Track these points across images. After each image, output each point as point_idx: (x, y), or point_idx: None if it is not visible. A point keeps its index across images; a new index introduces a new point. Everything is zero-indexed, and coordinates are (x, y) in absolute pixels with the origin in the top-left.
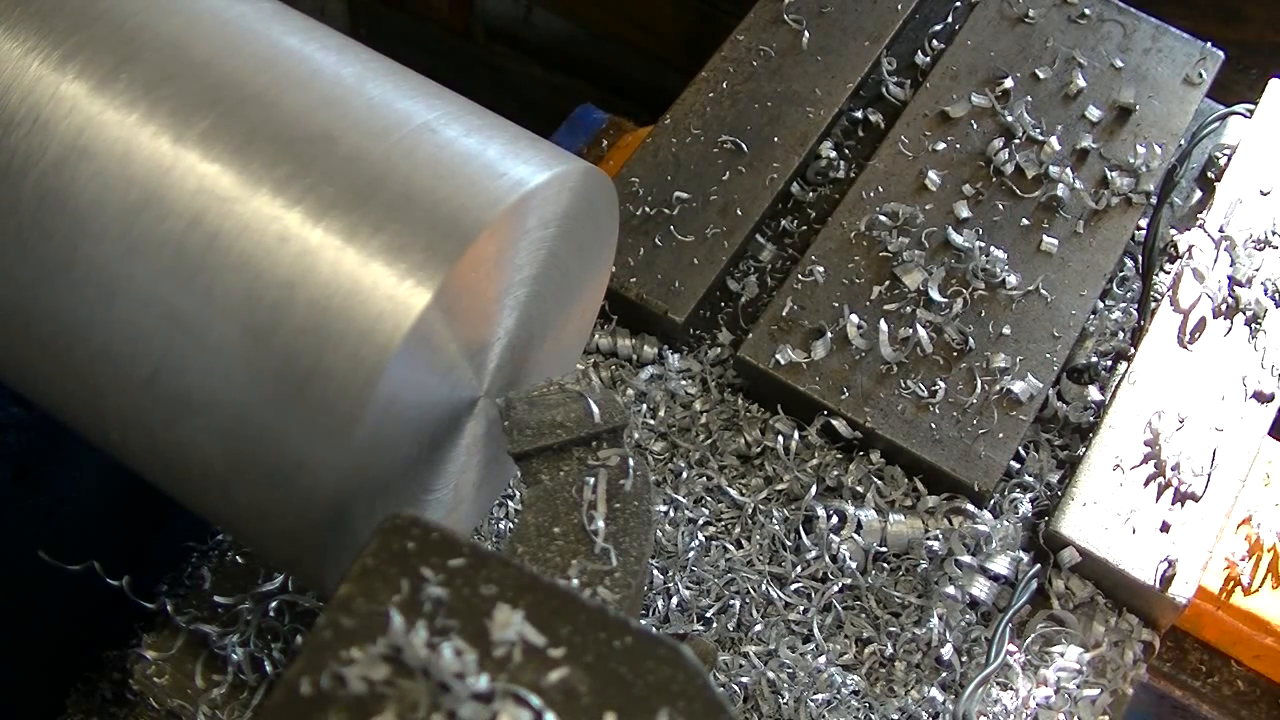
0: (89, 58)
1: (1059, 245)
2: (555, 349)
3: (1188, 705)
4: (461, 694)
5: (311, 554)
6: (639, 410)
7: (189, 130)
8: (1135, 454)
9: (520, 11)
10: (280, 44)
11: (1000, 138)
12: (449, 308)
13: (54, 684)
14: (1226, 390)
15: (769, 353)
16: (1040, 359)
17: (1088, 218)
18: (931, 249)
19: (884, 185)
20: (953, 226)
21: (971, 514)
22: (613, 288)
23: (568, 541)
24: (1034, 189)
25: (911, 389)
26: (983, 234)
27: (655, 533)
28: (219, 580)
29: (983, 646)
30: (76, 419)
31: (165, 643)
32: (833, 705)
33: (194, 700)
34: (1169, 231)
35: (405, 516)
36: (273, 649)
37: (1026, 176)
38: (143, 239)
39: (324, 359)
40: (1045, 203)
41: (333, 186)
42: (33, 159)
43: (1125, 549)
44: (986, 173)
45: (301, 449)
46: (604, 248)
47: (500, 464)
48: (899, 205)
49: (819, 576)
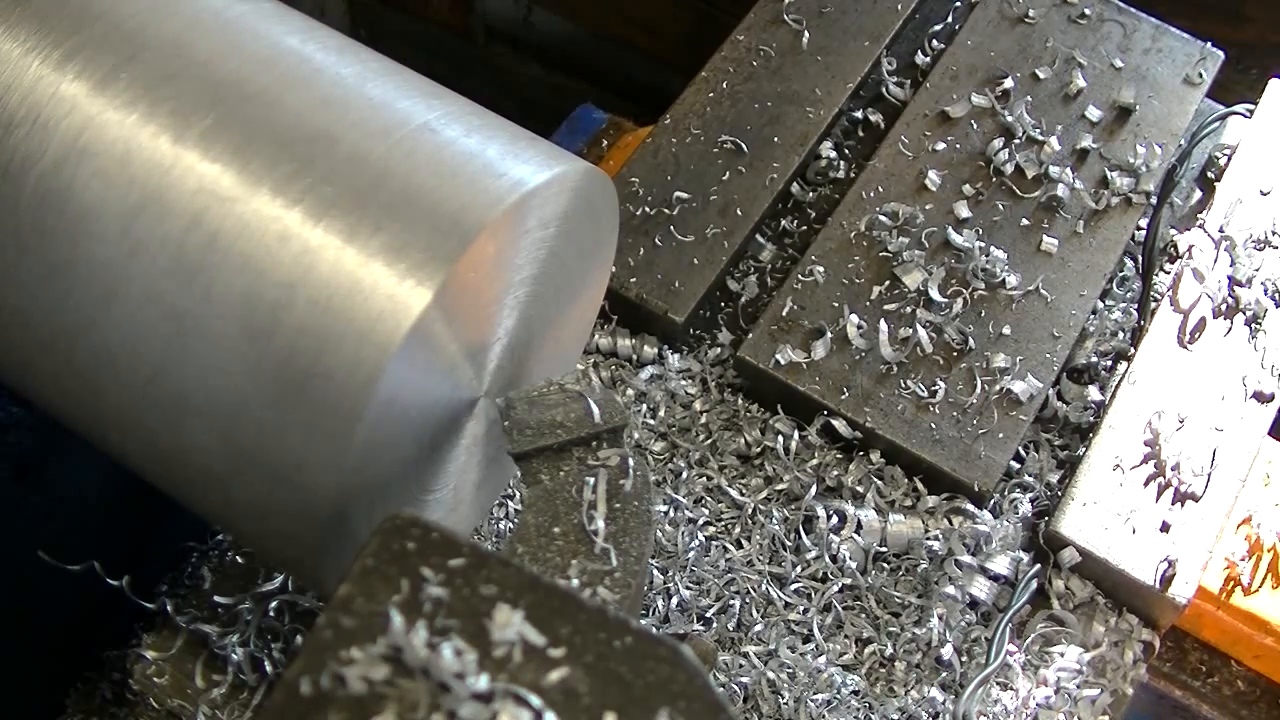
0: (89, 58)
1: (1059, 245)
2: (555, 349)
3: (1188, 705)
4: (461, 694)
5: (311, 554)
6: (639, 410)
7: (189, 130)
8: (1135, 454)
9: (520, 11)
10: (280, 44)
11: (1000, 138)
12: (449, 308)
13: (54, 684)
14: (1226, 390)
15: (769, 353)
16: (1040, 359)
17: (1088, 218)
18: (931, 249)
19: (884, 185)
20: (953, 226)
21: (971, 514)
22: (613, 288)
23: (568, 541)
24: (1034, 189)
25: (911, 389)
26: (983, 234)
27: (655, 533)
28: (219, 580)
29: (983, 646)
30: (76, 419)
31: (165, 643)
32: (833, 705)
33: (194, 700)
34: (1169, 231)
35: (405, 516)
36: (273, 649)
37: (1026, 176)
38: (143, 239)
39: (324, 359)
40: (1045, 203)
41: (332, 186)
42: (33, 159)
43: (1125, 549)
44: (986, 173)
45: (301, 449)
46: (604, 248)
47: (500, 464)
48: (899, 205)
49: (819, 576)
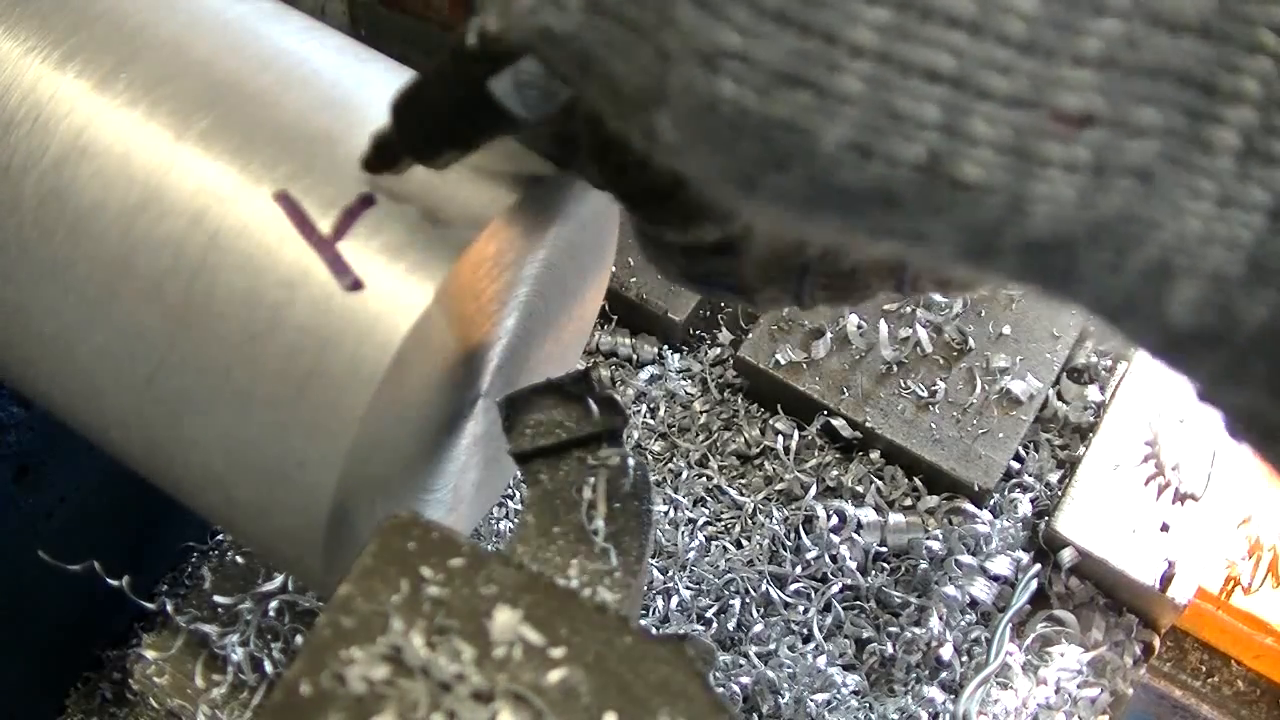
0: (89, 58)
1: None
2: (555, 349)
3: (1188, 705)
4: (461, 694)
5: (312, 553)
6: (639, 410)
7: (189, 130)
8: (1135, 454)
9: None
10: (280, 44)
11: None
12: (449, 307)
13: (54, 684)
14: None
15: (769, 352)
16: (1040, 359)
17: None
18: None
19: None
20: None
21: (971, 514)
22: (613, 288)
23: (568, 541)
24: None
25: (911, 389)
26: None
27: (655, 533)
28: (219, 580)
29: (983, 646)
30: (78, 418)
31: (165, 643)
32: (833, 705)
33: (194, 700)
34: None
35: (405, 516)
36: (273, 649)
37: None
38: (143, 238)
39: (324, 359)
40: None
41: (333, 187)
42: (33, 159)
43: (1125, 549)
44: None
45: (302, 448)
46: (605, 247)
47: (500, 464)
48: None
49: (819, 576)
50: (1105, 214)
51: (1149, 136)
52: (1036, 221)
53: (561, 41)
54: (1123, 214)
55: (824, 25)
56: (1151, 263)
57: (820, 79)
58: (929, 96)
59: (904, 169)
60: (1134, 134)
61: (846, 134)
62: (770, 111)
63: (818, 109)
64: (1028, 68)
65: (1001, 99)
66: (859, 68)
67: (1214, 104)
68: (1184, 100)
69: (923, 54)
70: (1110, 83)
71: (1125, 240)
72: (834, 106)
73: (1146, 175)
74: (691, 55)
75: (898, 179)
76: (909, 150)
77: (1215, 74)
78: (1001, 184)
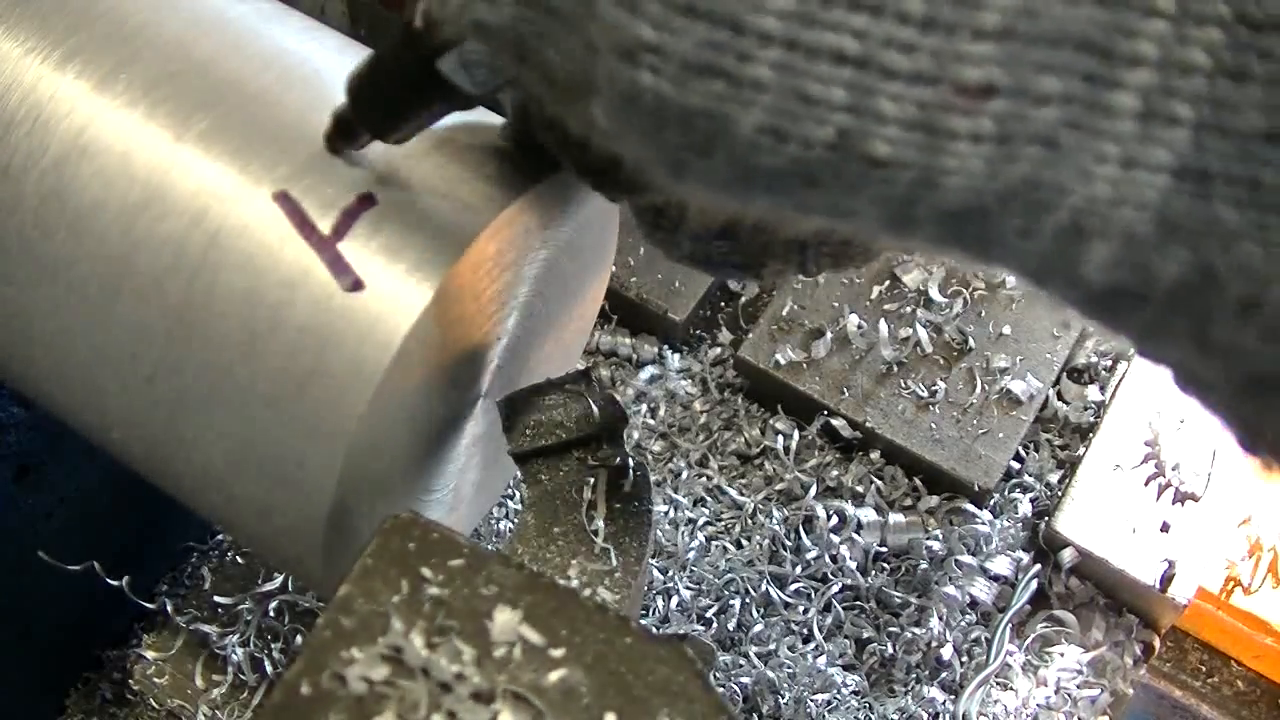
0: (89, 58)
1: None
2: (555, 349)
3: (1188, 705)
4: (462, 694)
5: (312, 553)
6: (639, 410)
7: (189, 130)
8: (1135, 454)
9: None
10: (280, 44)
11: None
12: (449, 308)
13: (54, 684)
14: None
15: (769, 352)
16: (1040, 359)
17: None
18: None
19: None
20: None
21: (971, 514)
22: (613, 288)
23: (568, 541)
24: None
25: (911, 389)
26: None
27: (655, 533)
28: (219, 580)
29: (983, 646)
30: (78, 417)
31: (165, 643)
32: (833, 705)
33: (194, 700)
34: None
35: (405, 516)
36: (273, 649)
37: None
38: (144, 238)
39: (324, 359)
40: None
41: (333, 187)
42: (33, 158)
43: (1125, 549)
44: None
45: (302, 448)
46: (605, 247)
47: (500, 464)
48: None
49: (819, 576)
50: (1014, 181)
51: (1051, 104)
52: (948, 193)
53: (495, 33)
54: (1031, 180)
55: (732, 15)
56: (1063, 226)
57: (731, 68)
58: (836, 79)
59: (818, 150)
60: (1036, 102)
61: (761, 119)
62: (688, 101)
63: (732, 97)
64: (929, 44)
65: (905, 77)
66: (768, 55)
67: (1113, 68)
68: (1083, 66)
69: (828, 38)
70: (1010, 54)
71: (1036, 205)
72: (747, 94)
73: (1051, 142)
74: (613, 48)
75: (813, 159)
76: (820, 131)
77: (1112, 39)
78: (911, 159)
